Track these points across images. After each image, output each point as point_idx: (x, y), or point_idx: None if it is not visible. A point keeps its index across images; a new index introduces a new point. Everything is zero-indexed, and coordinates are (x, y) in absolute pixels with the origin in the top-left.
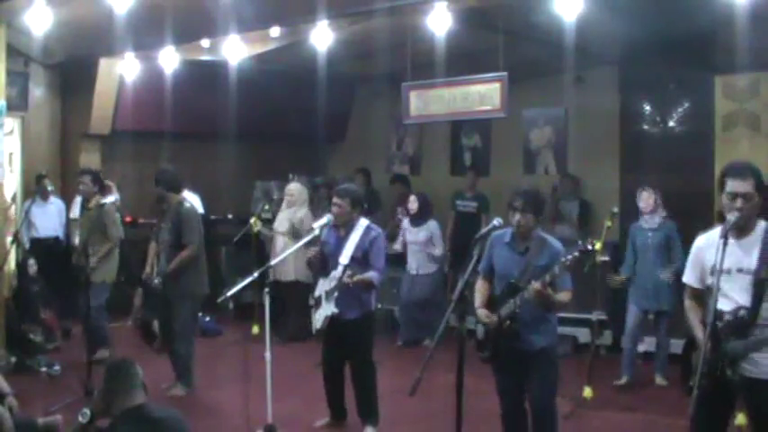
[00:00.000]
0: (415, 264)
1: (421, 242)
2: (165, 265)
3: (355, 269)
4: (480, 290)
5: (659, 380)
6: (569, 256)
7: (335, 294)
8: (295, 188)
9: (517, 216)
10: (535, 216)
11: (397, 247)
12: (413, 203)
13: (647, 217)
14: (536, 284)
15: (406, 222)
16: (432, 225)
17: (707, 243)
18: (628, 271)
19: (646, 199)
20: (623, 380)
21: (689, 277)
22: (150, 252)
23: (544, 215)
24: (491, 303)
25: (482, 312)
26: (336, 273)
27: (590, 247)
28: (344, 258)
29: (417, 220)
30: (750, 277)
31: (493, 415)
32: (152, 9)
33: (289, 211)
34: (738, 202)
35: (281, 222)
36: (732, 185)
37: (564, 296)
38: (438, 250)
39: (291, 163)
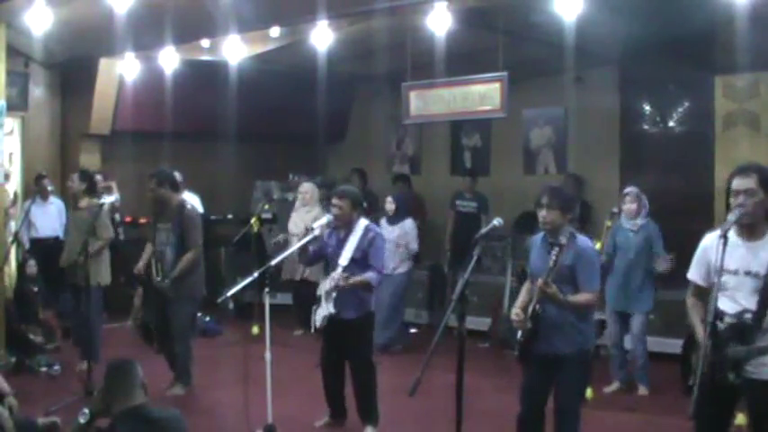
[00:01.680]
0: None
1: (393, 240)
2: (170, 267)
3: (354, 270)
4: (524, 290)
5: (642, 390)
6: (552, 256)
7: (334, 295)
8: (308, 187)
9: (543, 212)
10: (562, 213)
11: None
12: (390, 204)
13: (629, 218)
14: (539, 282)
15: (383, 221)
16: (407, 224)
17: (713, 242)
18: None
19: (629, 203)
20: (613, 386)
21: (693, 274)
22: (146, 253)
23: (574, 213)
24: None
25: (513, 311)
26: (335, 274)
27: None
28: (344, 260)
29: (394, 218)
30: (758, 281)
31: (493, 415)
32: (152, 9)
33: (302, 210)
34: (740, 198)
35: (296, 223)
36: (734, 184)
37: (582, 297)
38: (413, 245)
39: (291, 163)
